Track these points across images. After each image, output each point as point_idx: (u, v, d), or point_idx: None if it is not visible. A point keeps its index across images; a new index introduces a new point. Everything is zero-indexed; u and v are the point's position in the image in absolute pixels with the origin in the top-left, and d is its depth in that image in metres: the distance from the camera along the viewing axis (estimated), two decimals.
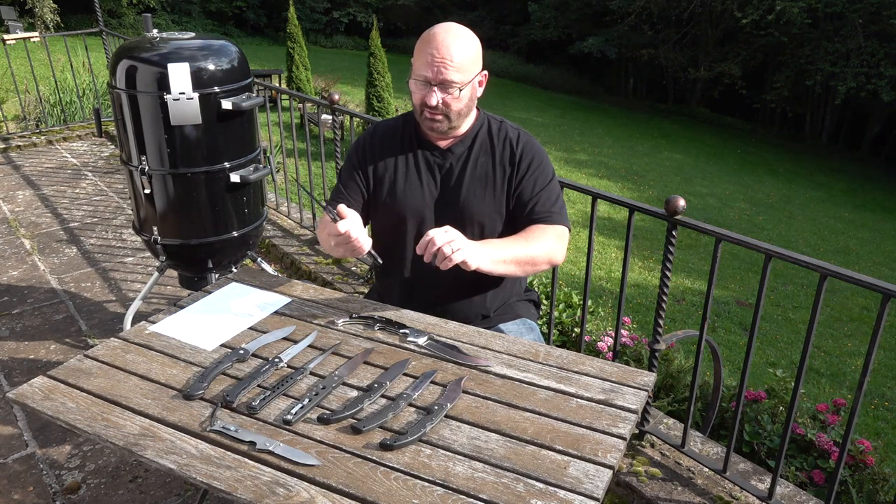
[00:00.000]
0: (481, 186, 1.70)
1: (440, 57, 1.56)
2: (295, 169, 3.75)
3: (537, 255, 1.62)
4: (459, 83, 1.60)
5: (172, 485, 2.11)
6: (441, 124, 1.65)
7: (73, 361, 1.40)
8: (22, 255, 3.69)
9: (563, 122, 14.93)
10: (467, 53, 1.60)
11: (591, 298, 3.15)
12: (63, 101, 6.11)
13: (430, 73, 1.58)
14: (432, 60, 1.57)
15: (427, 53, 1.58)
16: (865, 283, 1.63)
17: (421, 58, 1.59)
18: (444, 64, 1.57)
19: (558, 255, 1.67)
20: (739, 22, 17.07)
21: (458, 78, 1.59)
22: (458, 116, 1.65)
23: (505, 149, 1.72)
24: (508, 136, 1.73)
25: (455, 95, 1.60)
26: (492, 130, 1.74)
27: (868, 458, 2.26)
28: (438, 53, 1.57)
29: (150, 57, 2.24)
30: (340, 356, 1.44)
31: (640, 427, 2.24)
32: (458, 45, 1.58)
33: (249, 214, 2.57)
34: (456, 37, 1.59)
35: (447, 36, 1.58)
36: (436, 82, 1.59)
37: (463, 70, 1.59)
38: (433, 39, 1.58)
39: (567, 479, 1.10)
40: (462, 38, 1.60)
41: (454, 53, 1.57)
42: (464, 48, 1.59)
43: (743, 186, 11.51)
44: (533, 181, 1.70)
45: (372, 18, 13.23)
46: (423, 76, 1.59)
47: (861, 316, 6.43)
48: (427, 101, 1.60)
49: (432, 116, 1.63)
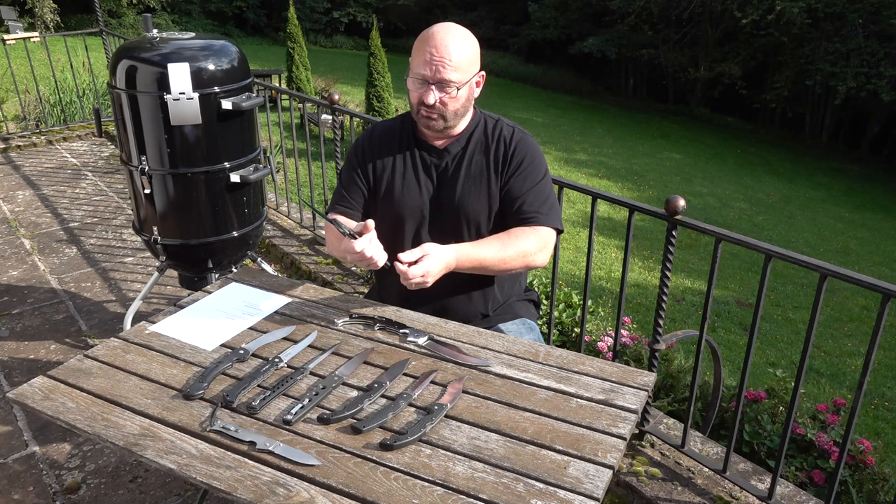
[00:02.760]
0: (476, 185, 1.70)
1: (438, 56, 1.57)
2: (295, 169, 3.75)
3: (508, 257, 1.61)
4: (457, 82, 1.60)
5: (172, 485, 2.11)
6: (437, 123, 1.65)
7: (73, 361, 1.40)
8: (22, 255, 3.69)
9: (563, 122, 14.92)
10: (465, 53, 1.60)
11: (591, 298, 3.15)
12: (63, 101, 6.11)
13: (428, 71, 1.58)
14: (430, 59, 1.57)
15: (425, 52, 1.58)
16: (865, 283, 1.63)
17: (419, 56, 1.59)
18: (443, 63, 1.57)
19: (537, 258, 1.64)
20: (739, 22, 17.06)
21: (455, 77, 1.59)
22: (454, 116, 1.65)
23: (499, 147, 1.72)
24: (503, 133, 1.73)
25: (452, 95, 1.60)
26: (487, 129, 1.75)
27: (868, 458, 2.26)
28: (437, 52, 1.57)
29: (150, 57, 2.24)
30: (340, 356, 1.44)
31: (640, 427, 2.24)
32: (457, 45, 1.58)
33: (249, 214, 2.57)
34: (455, 37, 1.59)
35: (446, 35, 1.58)
36: (433, 81, 1.59)
37: (461, 69, 1.59)
38: (432, 38, 1.58)
39: (567, 479, 1.10)
40: (461, 37, 1.60)
41: (452, 53, 1.57)
42: (462, 48, 1.59)
43: (743, 186, 11.50)
44: (522, 179, 1.69)
45: (372, 18, 13.23)
46: (420, 74, 1.60)
47: (861, 316, 6.42)
48: (424, 99, 1.61)
49: (428, 115, 1.63)
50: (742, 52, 18.42)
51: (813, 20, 16.20)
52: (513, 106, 15.34)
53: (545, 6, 21.44)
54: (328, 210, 1.81)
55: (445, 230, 1.72)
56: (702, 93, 20.63)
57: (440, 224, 1.73)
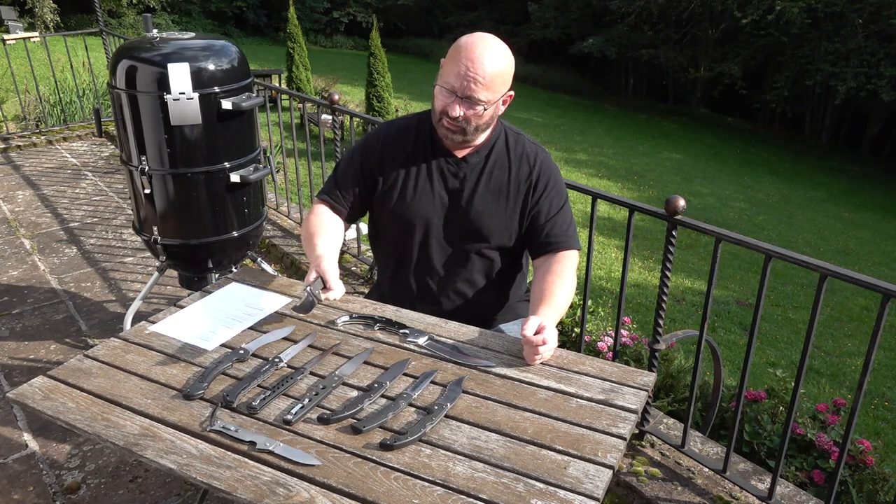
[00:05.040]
0: (493, 200, 1.68)
1: (472, 72, 1.51)
2: (295, 169, 3.75)
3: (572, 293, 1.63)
4: (486, 102, 1.55)
5: (172, 485, 2.11)
6: (456, 136, 1.61)
7: (73, 361, 1.40)
8: (22, 255, 3.69)
9: (563, 122, 14.92)
10: (500, 72, 1.55)
11: (591, 298, 3.15)
12: (63, 101, 6.11)
13: (459, 84, 1.53)
14: (465, 73, 1.52)
15: (460, 64, 1.52)
16: (865, 283, 1.63)
17: (452, 66, 1.54)
18: (476, 80, 1.52)
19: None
20: (739, 22, 17.06)
21: (485, 97, 1.54)
22: (474, 131, 1.61)
23: (522, 165, 1.69)
24: (526, 151, 1.70)
25: (478, 113, 1.56)
26: (509, 143, 1.71)
27: (868, 458, 2.26)
28: (472, 67, 1.51)
29: (151, 57, 2.24)
30: (340, 356, 1.44)
31: (640, 427, 2.24)
32: (493, 63, 1.53)
33: (249, 214, 2.57)
34: (493, 54, 1.53)
35: (485, 51, 1.52)
36: (462, 95, 1.54)
37: (492, 89, 1.55)
38: (469, 51, 1.52)
39: (567, 479, 1.10)
40: (498, 56, 1.54)
41: (488, 71, 1.52)
42: (498, 66, 1.54)
43: (743, 186, 11.50)
44: (549, 202, 1.68)
45: (372, 18, 13.22)
46: (450, 85, 1.55)
47: (861, 316, 6.42)
48: (449, 111, 1.56)
49: (449, 126, 1.60)
50: (742, 52, 18.42)
51: (813, 20, 16.21)
52: (513, 106, 15.08)
53: (545, 6, 21.44)
54: (318, 195, 1.79)
55: (455, 241, 1.70)
56: (702, 93, 20.64)
57: (451, 234, 1.70)
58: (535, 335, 1.37)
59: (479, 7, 24.36)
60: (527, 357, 1.40)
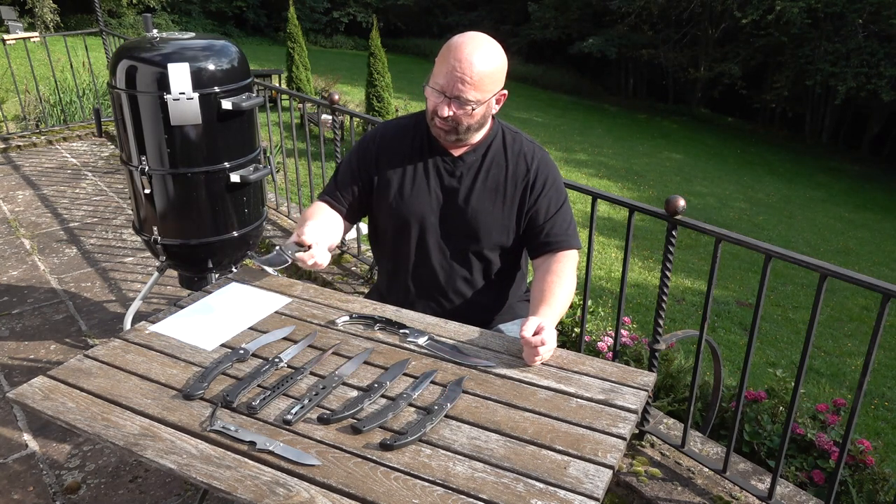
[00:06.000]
0: (490, 199, 1.68)
1: (460, 72, 1.51)
2: (295, 169, 3.75)
3: (572, 293, 1.64)
4: (475, 101, 1.55)
5: (172, 485, 2.11)
6: (448, 135, 1.62)
7: (73, 361, 1.40)
8: (22, 255, 3.69)
9: (563, 122, 14.93)
10: (489, 72, 1.54)
11: (591, 298, 3.15)
12: (63, 101, 6.11)
13: (448, 84, 1.53)
14: (453, 73, 1.51)
15: (449, 64, 1.52)
16: (865, 283, 1.63)
17: (442, 66, 1.54)
18: (463, 80, 1.51)
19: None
20: (739, 22, 17.07)
21: (473, 96, 1.54)
22: (466, 130, 1.61)
23: (519, 164, 1.69)
24: (523, 150, 1.70)
25: (468, 112, 1.56)
26: (506, 142, 1.71)
27: (868, 458, 2.26)
28: (459, 67, 1.51)
29: (151, 57, 2.24)
30: (340, 356, 1.44)
31: (640, 427, 2.24)
32: (482, 63, 1.52)
33: (249, 214, 2.57)
34: (482, 53, 1.53)
35: (474, 50, 1.52)
36: (450, 95, 1.54)
37: (481, 88, 1.54)
38: (458, 51, 1.52)
39: (567, 479, 1.10)
40: (488, 54, 1.54)
41: (476, 71, 1.51)
42: (487, 66, 1.53)
43: (743, 186, 11.51)
44: (548, 201, 1.68)
45: (372, 18, 13.22)
46: (439, 85, 1.55)
47: (861, 316, 6.42)
48: (439, 111, 1.56)
49: (441, 126, 1.60)
50: (742, 52, 18.43)
51: (813, 20, 16.21)
52: (513, 106, 15.32)
53: (545, 6, 21.44)
54: (320, 195, 1.79)
55: (452, 240, 1.70)
56: (702, 93, 20.64)
57: (447, 233, 1.70)
58: (534, 336, 1.37)
59: (479, 7, 24.36)
60: (526, 358, 1.40)
